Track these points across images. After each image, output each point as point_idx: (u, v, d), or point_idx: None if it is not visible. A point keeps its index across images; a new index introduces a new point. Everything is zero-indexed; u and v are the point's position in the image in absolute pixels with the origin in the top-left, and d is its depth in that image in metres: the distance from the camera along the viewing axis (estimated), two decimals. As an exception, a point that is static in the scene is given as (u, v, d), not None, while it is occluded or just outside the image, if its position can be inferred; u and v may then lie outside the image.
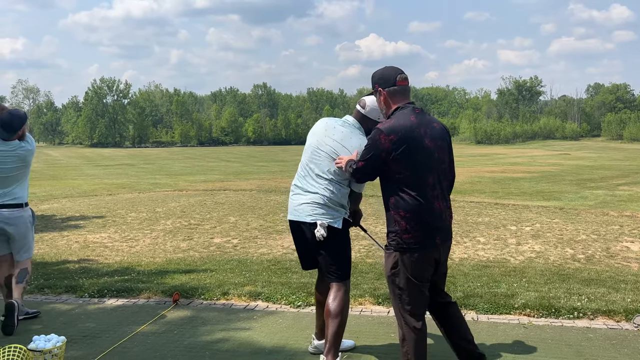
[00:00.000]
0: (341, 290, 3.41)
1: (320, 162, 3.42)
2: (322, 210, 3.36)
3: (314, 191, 3.40)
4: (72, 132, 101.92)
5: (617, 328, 4.19)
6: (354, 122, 3.48)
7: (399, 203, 2.96)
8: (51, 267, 6.43)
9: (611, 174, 24.25)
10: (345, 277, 3.46)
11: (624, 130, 79.30)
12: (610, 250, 7.42)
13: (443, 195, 3.04)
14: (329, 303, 3.38)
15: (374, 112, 3.42)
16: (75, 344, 3.93)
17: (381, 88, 3.12)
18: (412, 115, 3.02)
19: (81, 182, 22.14)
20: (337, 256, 3.43)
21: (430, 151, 2.99)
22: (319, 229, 3.33)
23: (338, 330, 3.34)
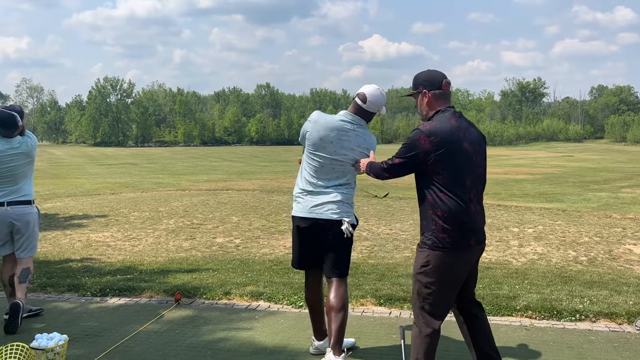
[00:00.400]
0: (343, 286, 3.51)
1: (339, 166, 3.52)
2: (345, 208, 3.51)
3: (336, 191, 3.52)
4: (75, 131, 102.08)
5: (619, 331, 4.18)
6: (360, 120, 3.54)
7: (437, 203, 2.98)
8: (54, 266, 6.45)
9: (614, 176, 24.20)
10: (346, 274, 3.59)
11: (627, 133, 79.09)
12: (612, 252, 7.41)
13: (478, 198, 3.08)
14: (331, 299, 3.43)
15: (374, 107, 3.53)
16: (77, 342, 3.94)
17: (426, 90, 3.13)
18: (453, 118, 3.05)
19: (84, 181, 22.20)
20: (344, 253, 3.56)
21: (469, 154, 3.03)
22: (347, 225, 3.45)
23: (342, 324, 3.40)
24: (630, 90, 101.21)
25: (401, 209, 11.88)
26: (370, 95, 3.48)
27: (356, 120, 3.52)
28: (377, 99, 3.50)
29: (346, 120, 3.53)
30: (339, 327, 3.38)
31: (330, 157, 3.48)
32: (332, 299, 3.44)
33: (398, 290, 5.17)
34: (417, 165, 3.03)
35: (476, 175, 3.06)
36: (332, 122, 3.51)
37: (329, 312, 3.43)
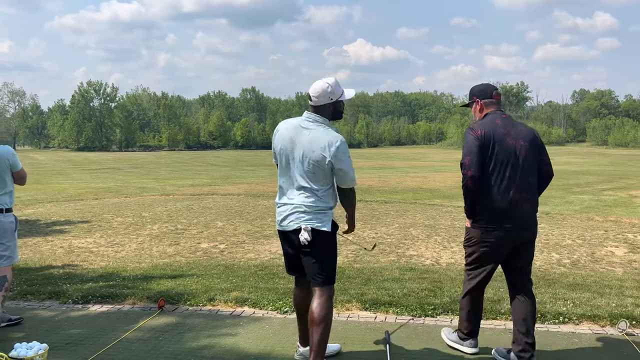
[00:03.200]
0: (325, 296, 3.38)
1: (294, 170, 3.38)
2: (307, 217, 3.34)
3: (296, 202, 3.37)
4: (58, 135, 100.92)
5: (602, 333, 4.21)
6: (319, 118, 3.39)
7: (483, 189, 3.48)
8: (35, 273, 6.34)
9: (596, 179, 24.50)
10: (330, 282, 3.43)
11: (608, 136, 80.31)
12: (595, 255, 7.48)
13: (521, 188, 3.47)
14: (313, 309, 3.34)
15: (320, 98, 3.37)
16: (57, 351, 3.87)
17: (479, 99, 3.69)
18: (498, 118, 3.57)
19: (67, 186, 21.92)
20: (323, 260, 3.39)
21: (511, 148, 3.47)
22: (303, 232, 3.31)
23: (322, 337, 3.29)
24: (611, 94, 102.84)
25: (386, 212, 11.89)
26: (311, 90, 3.39)
27: (313, 118, 3.39)
28: (316, 89, 3.36)
29: (304, 119, 3.42)
30: (319, 340, 3.27)
31: (292, 162, 3.37)
32: (314, 309, 3.33)
33: (383, 294, 5.16)
34: (482, 155, 3.46)
35: (520, 167, 3.48)
36: (291, 126, 3.43)
37: (310, 323, 3.33)
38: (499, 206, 3.45)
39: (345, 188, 3.43)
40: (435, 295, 5.13)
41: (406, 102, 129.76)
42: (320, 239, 3.35)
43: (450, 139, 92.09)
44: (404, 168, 35.09)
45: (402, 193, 17.48)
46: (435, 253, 7.60)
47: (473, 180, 3.47)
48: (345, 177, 3.37)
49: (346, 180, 3.38)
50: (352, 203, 3.53)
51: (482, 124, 3.53)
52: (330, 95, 3.37)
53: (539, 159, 3.58)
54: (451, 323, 4.44)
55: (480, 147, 3.45)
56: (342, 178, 3.37)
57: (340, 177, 3.37)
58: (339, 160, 3.29)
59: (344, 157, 3.31)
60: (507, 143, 3.46)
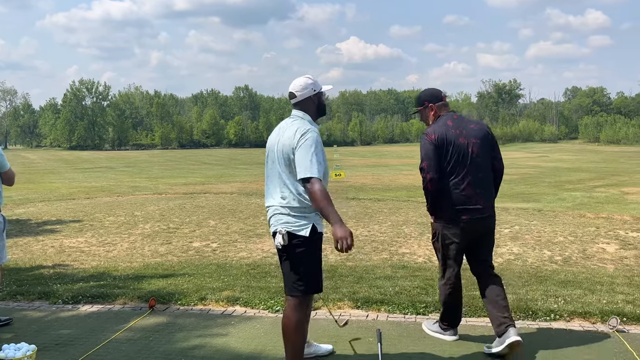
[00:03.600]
0: (297, 306, 3.22)
1: (275, 169, 3.31)
2: (286, 219, 3.20)
3: (276, 203, 3.28)
4: (50, 134, 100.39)
5: (593, 330, 4.22)
6: (299, 113, 3.35)
7: (443, 188, 3.72)
8: (25, 273, 6.30)
9: (588, 176, 24.63)
10: (306, 291, 3.23)
11: (600, 133, 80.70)
12: (586, 251, 7.51)
13: (476, 184, 3.73)
14: (285, 319, 3.23)
15: (307, 88, 3.35)
16: (47, 352, 3.84)
17: (432, 104, 3.91)
18: (449, 120, 3.80)
19: (59, 185, 21.81)
20: (300, 268, 3.19)
21: (464, 147, 3.70)
22: (278, 236, 3.19)
23: (295, 348, 3.20)
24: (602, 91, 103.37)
25: (379, 210, 11.89)
26: (294, 86, 3.38)
27: (296, 115, 3.35)
28: (299, 83, 3.35)
29: (289, 117, 3.39)
30: (291, 352, 3.20)
31: (274, 160, 3.31)
32: (285, 319, 3.22)
33: (375, 292, 5.15)
34: (438, 157, 3.70)
35: (473, 164, 3.72)
36: (278, 126, 3.43)
37: (283, 334, 3.24)
38: (456, 202, 3.73)
39: (302, 179, 3.11)
40: (427, 293, 5.13)
41: (399, 100, 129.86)
42: (297, 244, 3.17)
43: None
44: (397, 166, 35.15)
45: (396, 191, 17.51)
46: (428, 251, 7.59)
47: (432, 182, 3.71)
48: (299, 164, 3.09)
49: (300, 168, 3.09)
50: (318, 201, 3.07)
51: (435, 128, 3.76)
52: (312, 86, 3.38)
53: (491, 155, 3.86)
54: (443, 321, 4.43)
55: (436, 150, 3.68)
56: (297, 166, 3.11)
57: (296, 165, 3.12)
58: (299, 146, 3.13)
59: (305, 143, 3.11)
60: (460, 142, 3.70)
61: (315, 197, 3.07)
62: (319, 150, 3.15)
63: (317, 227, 3.22)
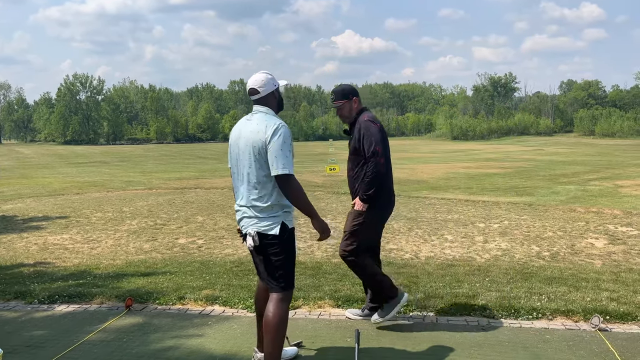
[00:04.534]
0: (279, 302, 3.22)
1: (241, 167, 3.25)
2: (254, 220, 3.20)
3: (244, 203, 3.25)
4: (44, 129, 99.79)
5: (575, 329, 4.15)
6: (261, 108, 3.28)
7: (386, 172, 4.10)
8: (4, 272, 6.20)
9: (583, 169, 24.58)
10: (285, 287, 3.26)
11: (595, 126, 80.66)
12: (575, 247, 7.45)
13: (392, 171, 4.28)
14: (266, 315, 3.21)
15: (269, 83, 3.30)
16: (16, 355, 3.75)
17: (355, 97, 4.24)
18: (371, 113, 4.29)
19: (52, 180, 21.63)
20: (275, 266, 3.21)
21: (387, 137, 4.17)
22: (248, 238, 3.19)
23: (275, 343, 3.17)
24: (598, 84, 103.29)
25: (370, 205, 11.79)
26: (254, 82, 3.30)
27: (257, 109, 3.29)
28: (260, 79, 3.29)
29: (251, 113, 3.34)
30: (271, 348, 3.17)
31: (239, 157, 3.26)
32: (266, 315, 3.20)
33: (358, 290, 5.07)
34: (385, 143, 4.07)
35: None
36: (239, 123, 3.39)
37: (264, 329, 3.21)
38: (390, 187, 4.17)
39: (276, 177, 3.10)
40: (410, 291, 5.05)
41: (395, 94, 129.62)
42: (269, 244, 3.18)
43: (439, 130, 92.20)
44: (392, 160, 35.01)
45: (388, 185, 17.40)
46: (416, 247, 7.53)
47: (384, 166, 4.00)
48: (274, 161, 3.07)
49: (274, 165, 3.08)
50: (295, 198, 3.15)
51: (374, 118, 4.15)
52: (273, 82, 3.36)
53: None
54: (424, 320, 4.37)
55: (383, 136, 4.04)
56: (271, 162, 3.09)
57: (270, 162, 3.10)
58: (272, 141, 3.10)
59: (279, 139, 3.09)
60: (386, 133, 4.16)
61: (294, 194, 3.15)
62: (290, 146, 3.18)
63: (287, 224, 3.22)
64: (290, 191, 3.13)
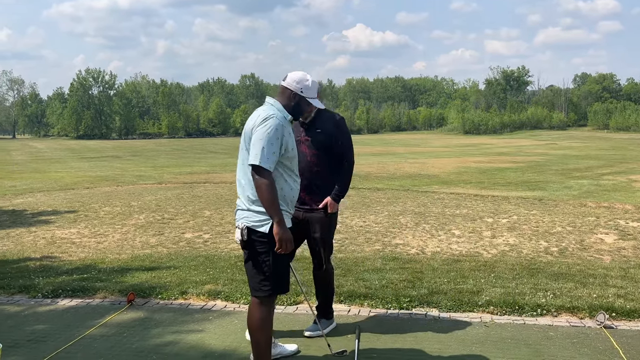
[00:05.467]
0: (258, 305, 3.09)
1: (241, 157, 3.16)
2: (246, 214, 3.08)
3: (239, 194, 3.17)
4: (57, 124, 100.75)
5: (580, 325, 4.08)
6: (271, 100, 3.18)
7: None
8: (10, 266, 6.24)
9: (597, 163, 24.29)
10: (272, 293, 3.10)
11: (610, 120, 79.77)
12: (584, 242, 7.34)
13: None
14: (248, 318, 3.14)
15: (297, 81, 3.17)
16: (18, 349, 3.76)
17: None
18: None
19: (64, 175, 21.79)
20: (263, 266, 3.04)
21: None
22: (237, 231, 3.09)
23: (260, 345, 3.09)
24: (612, 77, 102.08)
25: (377, 200, 11.75)
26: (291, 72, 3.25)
27: (267, 100, 3.19)
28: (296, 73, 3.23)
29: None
30: (256, 351, 3.11)
31: (240, 149, 3.18)
32: (249, 319, 3.12)
33: (360, 286, 5.04)
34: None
35: None
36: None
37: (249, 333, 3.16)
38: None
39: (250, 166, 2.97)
40: (414, 287, 5.01)
41: (406, 88, 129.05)
42: (257, 241, 3.03)
43: (451, 124, 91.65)
44: (403, 154, 34.89)
45: (401, 179, 17.33)
46: (422, 242, 7.47)
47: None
48: (251, 149, 2.97)
49: (250, 153, 2.97)
50: (260, 194, 2.95)
51: None
52: (300, 84, 3.14)
53: None
54: (426, 317, 4.32)
55: None
56: (250, 151, 2.99)
57: (250, 150, 3.00)
58: (256, 130, 2.98)
59: (261, 129, 2.96)
60: None
61: (258, 189, 2.95)
62: (274, 139, 2.95)
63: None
64: (256, 184, 2.95)
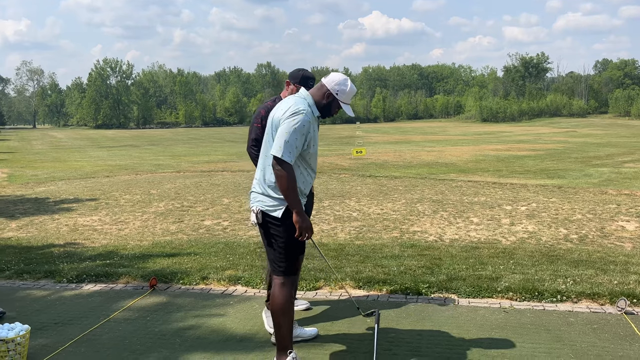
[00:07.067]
0: (280, 286, 3.17)
1: (266, 142, 3.22)
2: (260, 197, 3.17)
3: (256, 176, 3.26)
4: (76, 113, 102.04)
5: (600, 312, 4.07)
6: (302, 92, 3.24)
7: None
8: (35, 252, 6.37)
9: (617, 151, 23.94)
10: (288, 273, 3.18)
11: (631, 107, 78.36)
12: (604, 230, 7.28)
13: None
14: (271, 299, 3.21)
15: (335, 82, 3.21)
16: (45, 331, 3.86)
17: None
18: None
19: (84, 164, 22.10)
20: (275, 248, 3.16)
21: None
22: (251, 214, 3.21)
23: (281, 327, 3.14)
24: (634, 63, 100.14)
25: (394, 188, 11.74)
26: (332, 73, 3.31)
27: (300, 93, 3.24)
28: (335, 74, 3.29)
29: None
30: (278, 332, 3.15)
31: (266, 134, 3.24)
32: (271, 300, 3.19)
33: (379, 272, 5.07)
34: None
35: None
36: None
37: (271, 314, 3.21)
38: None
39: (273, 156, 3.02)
40: (432, 273, 5.02)
41: (423, 75, 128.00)
42: (271, 224, 3.13)
43: (468, 112, 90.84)
44: (420, 142, 34.71)
45: (417, 168, 17.28)
46: (440, 229, 7.46)
47: None
48: (277, 140, 3.01)
49: (275, 144, 3.01)
50: (280, 185, 3.03)
51: None
52: (338, 88, 3.19)
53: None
54: (445, 302, 4.34)
55: None
56: (275, 141, 3.04)
57: (275, 140, 3.05)
58: (284, 122, 3.04)
59: (289, 122, 3.01)
60: None
61: (278, 180, 3.04)
62: (299, 134, 3.02)
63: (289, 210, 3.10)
64: (276, 175, 3.03)
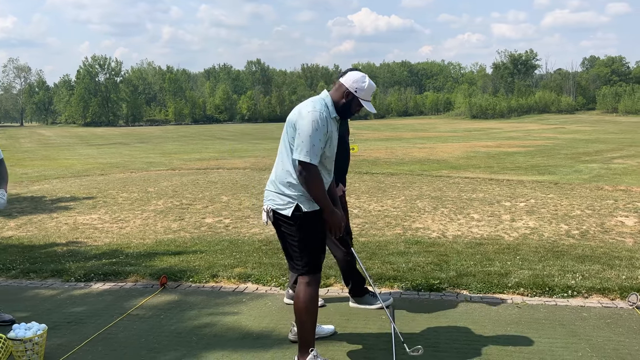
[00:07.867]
0: (304, 285, 3.16)
1: (281, 143, 3.22)
2: (272, 196, 3.19)
3: (271, 177, 3.26)
4: (65, 111, 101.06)
5: (612, 306, 4.12)
6: (323, 93, 3.23)
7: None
8: (38, 250, 6.32)
9: (606, 147, 24.19)
10: (309, 271, 3.16)
11: (618, 104, 79.20)
12: (604, 225, 7.36)
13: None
14: (295, 298, 3.20)
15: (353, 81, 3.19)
16: (58, 330, 3.83)
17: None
18: None
19: (74, 162, 21.93)
20: (292, 247, 3.17)
21: None
22: (263, 213, 3.23)
23: (304, 326, 3.14)
24: (621, 60, 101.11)
25: (393, 185, 11.77)
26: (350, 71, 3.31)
27: (321, 95, 3.24)
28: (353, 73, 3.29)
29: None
30: (300, 330, 3.15)
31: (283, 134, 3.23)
32: (295, 298, 3.19)
33: (388, 269, 5.09)
34: None
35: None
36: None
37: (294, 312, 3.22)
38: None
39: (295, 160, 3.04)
40: (441, 269, 5.05)
41: (413, 72, 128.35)
42: (283, 224, 3.15)
43: (458, 108, 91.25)
44: (411, 139, 34.83)
45: (410, 164, 17.34)
46: (442, 225, 7.50)
47: None
48: (299, 145, 3.00)
49: (298, 148, 3.01)
50: (309, 189, 3.04)
51: None
52: (356, 84, 3.17)
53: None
54: (457, 298, 4.36)
55: None
56: (296, 145, 3.03)
57: (295, 144, 3.04)
58: (300, 125, 3.03)
59: (308, 126, 2.99)
60: None
61: (307, 184, 3.04)
62: (322, 135, 3.02)
63: (301, 206, 3.09)
64: (304, 180, 3.03)
